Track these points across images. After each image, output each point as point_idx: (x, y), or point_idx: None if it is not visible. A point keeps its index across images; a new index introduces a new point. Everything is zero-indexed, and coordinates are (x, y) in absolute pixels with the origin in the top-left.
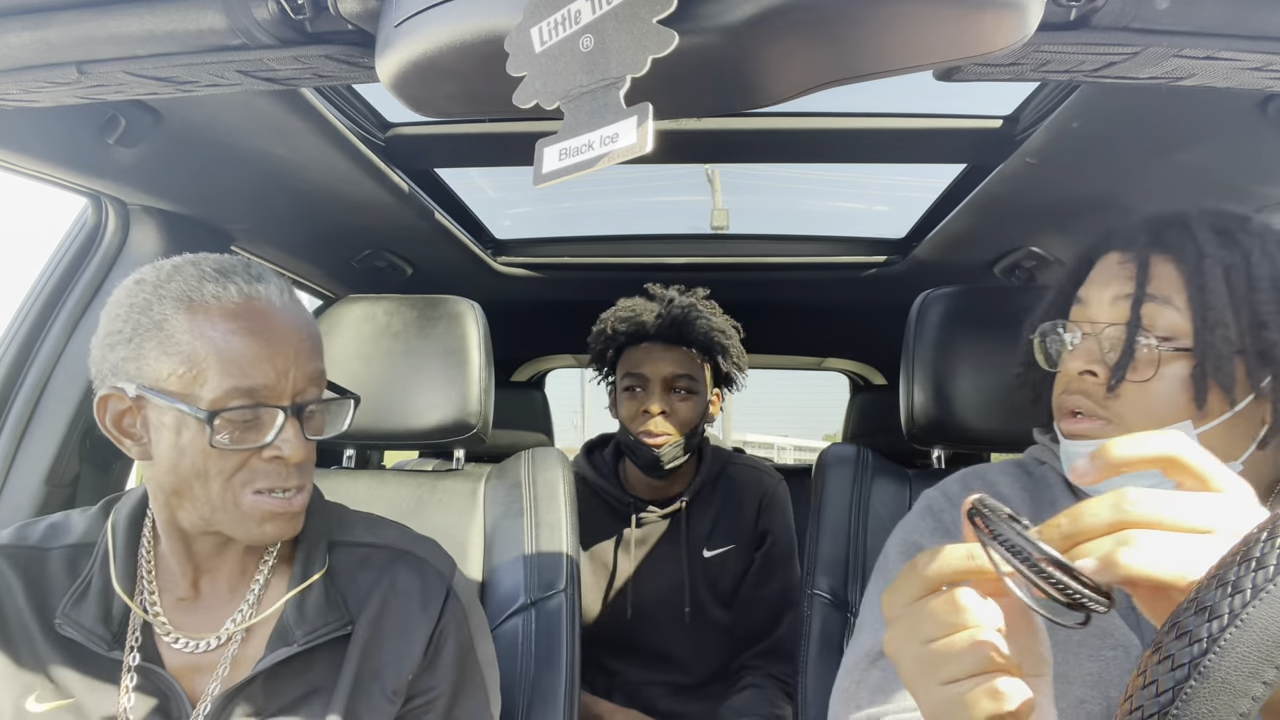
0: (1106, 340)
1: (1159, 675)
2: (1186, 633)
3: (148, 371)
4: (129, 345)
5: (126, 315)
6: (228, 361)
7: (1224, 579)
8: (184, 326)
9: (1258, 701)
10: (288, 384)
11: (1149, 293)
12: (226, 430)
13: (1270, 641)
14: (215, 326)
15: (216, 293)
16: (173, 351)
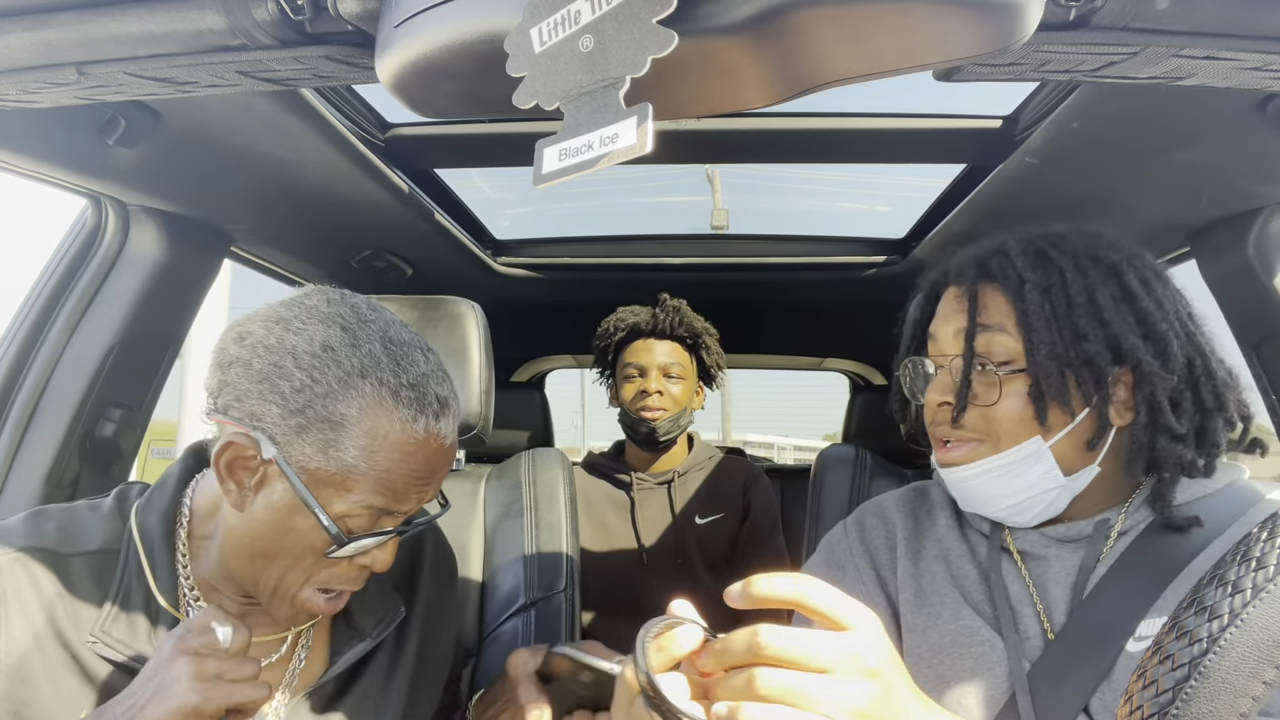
0: (956, 371)
1: (1159, 675)
2: (1187, 633)
3: (298, 449)
4: (291, 416)
5: (301, 386)
6: (382, 487)
7: (1224, 579)
8: (359, 441)
9: (1258, 701)
10: (413, 507)
11: (981, 323)
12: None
13: (1270, 641)
14: (389, 455)
15: (405, 422)
16: (335, 456)
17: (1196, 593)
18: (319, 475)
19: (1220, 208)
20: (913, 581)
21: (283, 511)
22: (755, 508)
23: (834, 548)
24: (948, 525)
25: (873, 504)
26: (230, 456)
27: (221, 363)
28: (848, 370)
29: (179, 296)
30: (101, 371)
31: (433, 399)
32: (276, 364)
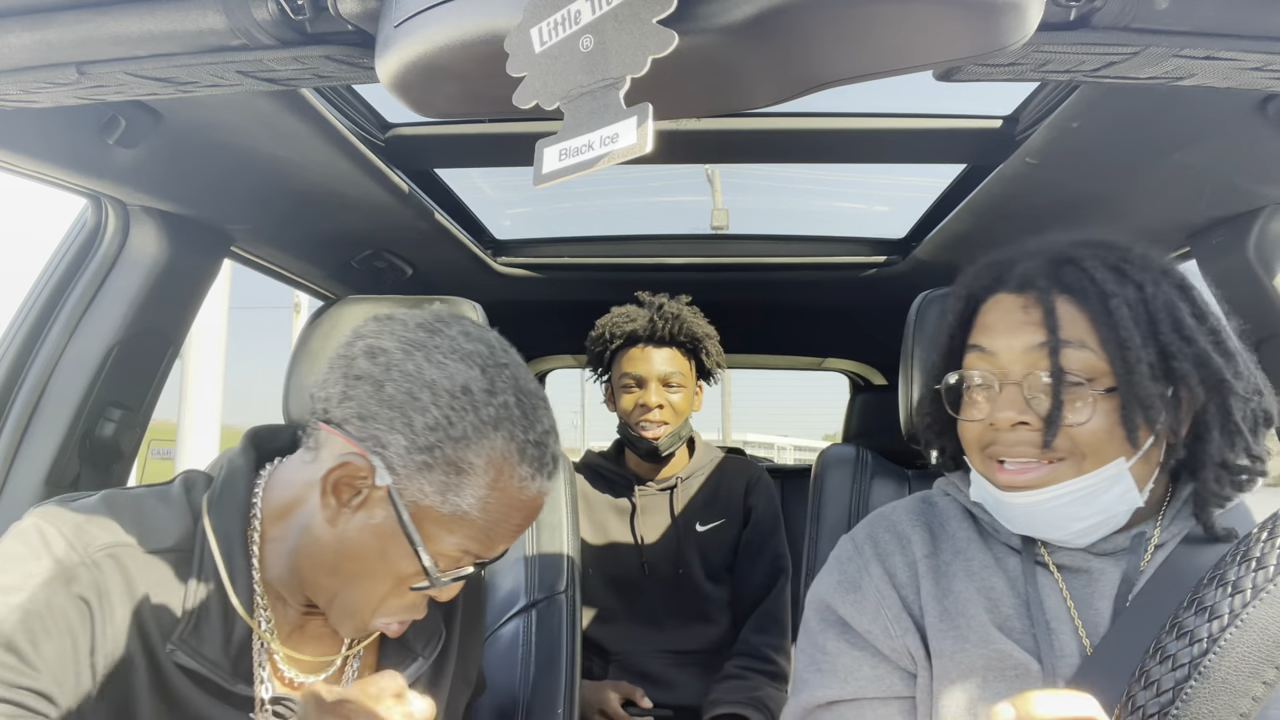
0: (1029, 388)
1: (1159, 675)
2: (1187, 633)
3: (414, 485)
4: (418, 452)
5: (435, 425)
6: (484, 535)
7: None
8: (479, 491)
9: (1258, 702)
10: (500, 554)
11: (1063, 338)
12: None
13: (1270, 641)
14: (502, 508)
15: (524, 480)
16: (451, 499)
17: (1196, 593)
18: (428, 513)
19: (1220, 208)
20: (937, 603)
21: (378, 537)
22: (756, 513)
23: (845, 567)
24: (968, 538)
25: (881, 518)
26: (342, 475)
27: (348, 374)
28: (848, 370)
29: (179, 296)
30: (101, 371)
31: (550, 459)
32: (412, 394)
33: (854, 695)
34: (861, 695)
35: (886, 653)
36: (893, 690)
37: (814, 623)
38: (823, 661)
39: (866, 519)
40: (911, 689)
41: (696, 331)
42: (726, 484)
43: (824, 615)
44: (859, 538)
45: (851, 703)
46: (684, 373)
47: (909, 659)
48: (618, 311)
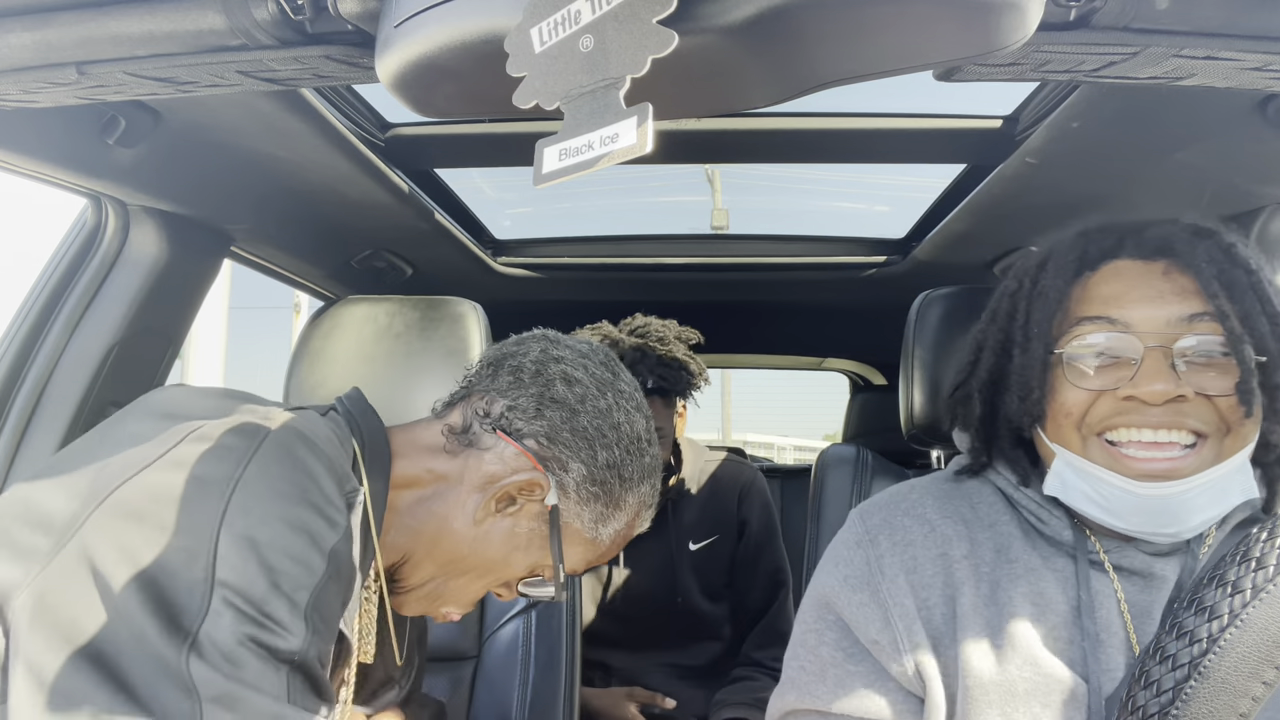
0: (1181, 358)
1: (1159, 675)
2: (1187, 633)
3: (574, 510)
4: (592, 483)
5: (613, 464)
6: (597, 558)
7: (1224, 579)
8: (618, 527)
9: (1258, 702)
10: None
11: (1209, 311)
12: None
13: (1270, 641)
14: (622, 540)
15: (642, 519)
16: (598, 529)
17: (1196, 593)
18: (577, 536)
19: (1220, 208)
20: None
21: (514, 544)
22: (750, 528)
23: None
24: (1010, 533)
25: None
26: (520, 482)
27: (545, 394)
28: (848, 370)
29: (179, 296)
30: (101, 371)
31: (656, 503)
32: (602, 431)
33: (844, 711)
34: (852, 713)
35: (893, 670)
36: (884, 714)
37: (811, 620)
38: (812, 666)
39: (880, 500)
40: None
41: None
42: (718, 496)
43: (823, 615)
44: (872, 524)
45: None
46: (664, 422)
47: (916, 680)
48: None
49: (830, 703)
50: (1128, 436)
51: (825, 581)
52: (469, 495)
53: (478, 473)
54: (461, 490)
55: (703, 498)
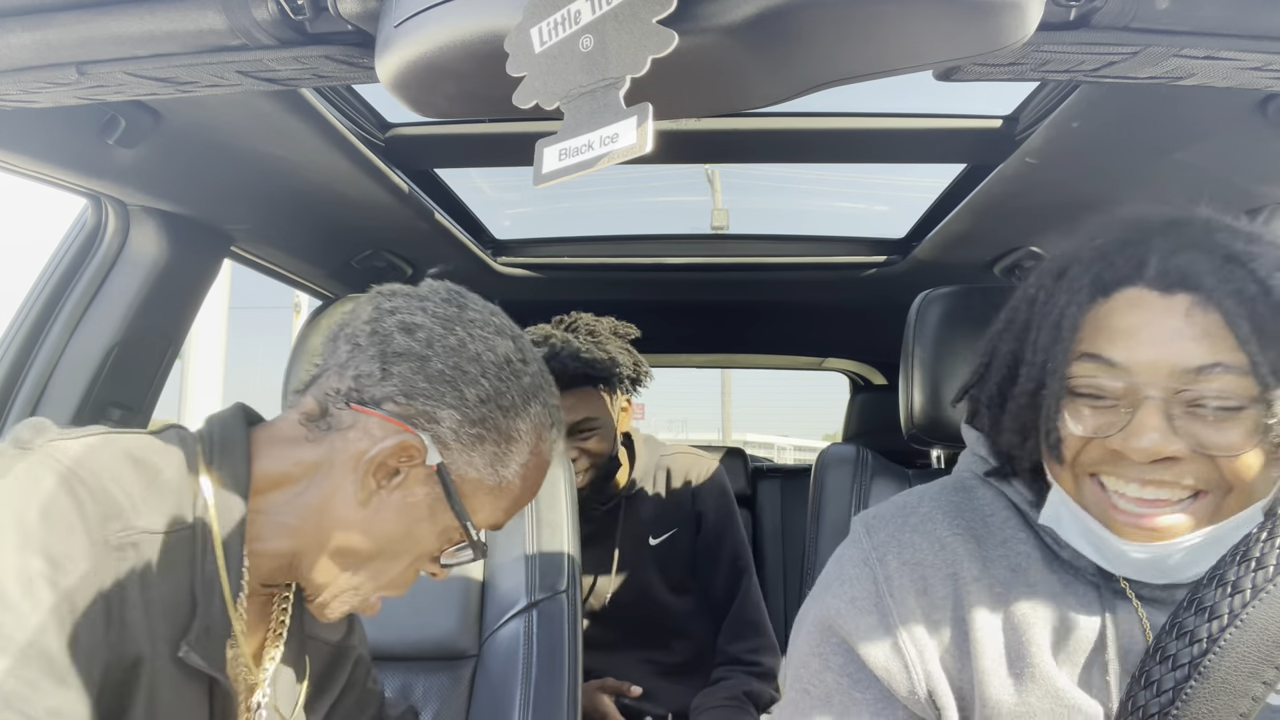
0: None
1: (1159, 675)
2: (1187, 633)
3: (464, 459)
4: (471, 425)
5: (486, 397)
6: (513, 505)
7: (1224, 579)
8: (522, 458)
9: (1258, 702)
10: None
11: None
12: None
13: (1270, 641)
14: (534, 473)
15: (553, 443)
16: (499, 471)
17: (1196, 593)
18: (474, 486)
19: (1220, 208)
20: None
21: (416, 515)
22: (706, 520)
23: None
24: (1026, 553)
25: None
26: (391, 456)
27: (385, 352)
28: (848, 370)
29: (179, 296)
30: (101, 371)
31: (563, 421)
32: (461, 369)
33: None
34: None
35: (903, 695)
36: None
37: (815, 643)
38: (816, 692)
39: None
40: None
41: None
42: (674, 490)
43: (826, 639)
44: (879, 539)
45: None
46: (594, 415)
47: (929, 707)
48: None
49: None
50: (1115, 486)
51: (830, 604)
52: (344, 479)
53: (345, 453)
54: (335, 476)
55: (659, 492)
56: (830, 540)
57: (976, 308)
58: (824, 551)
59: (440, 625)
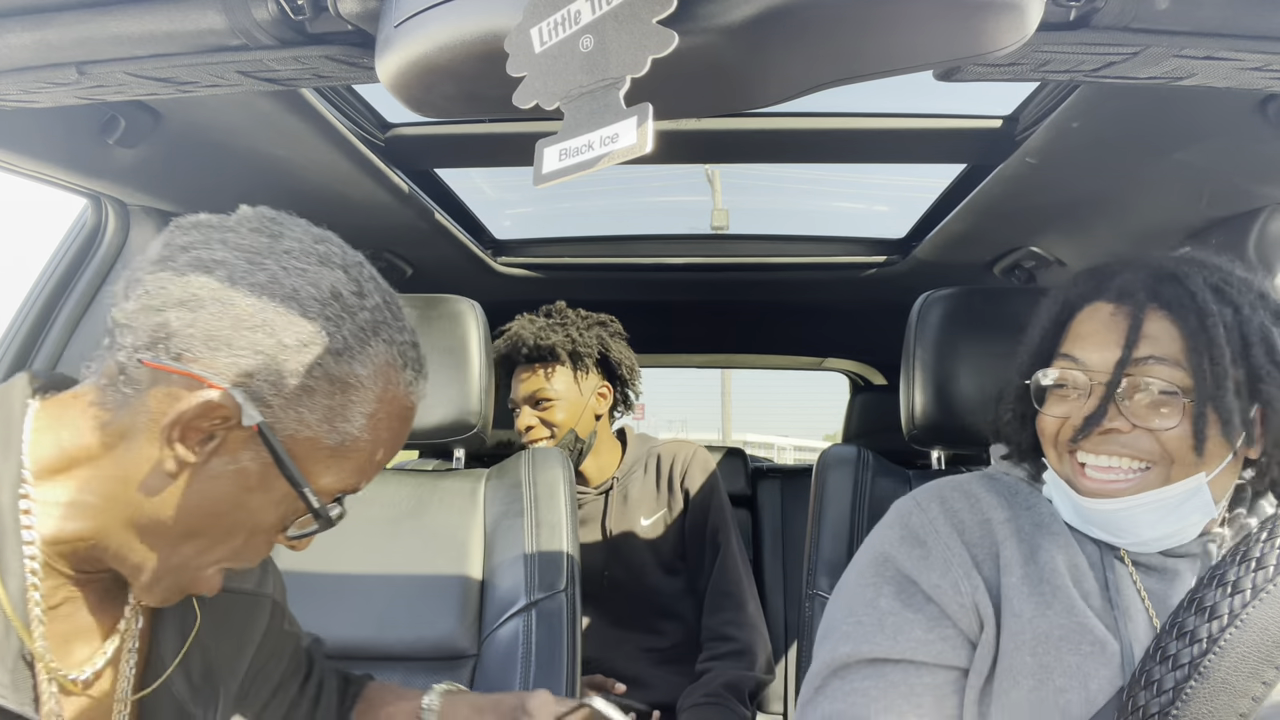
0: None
1: (1160, 675)
2: (1187, 633)
3: (291, 416)
4: (290, 376)
5: (309, 340)
6: (368, 464)
7: (1224, 579)
8: (367, 407)
9: (1258, 701)
10: None
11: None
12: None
13: (1270, 641)
14: (389, 424)
15: (409, 385)
16: (338, 426)
17: (1197, 593)
18: (313, 445)
19: (1220, 208)
20: (1020, 566)
21: (242, 485)
22: (691, 496)
23: (908, 521)
24: (1050, 514)
25: (944, 483)
26: (196, 419)
27: (181, 299)
28: (848, 370)
29: None
30: None
31: (422, 360)
32: (276, 309)
33: (903, 655)
34: (911, 657)
35: (953, 611)
36: (945, 658)
37: (868, 575)
38: (870, 618)
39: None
40: (965, 659)
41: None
42: (663, 474)
43: (882, 568)
44: (922, 497)
45: (899, 664)
46: (558, 387)
47: (976, 619)
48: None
49: (890, 649)
50: (1085, 459)
51: (883, 540)
52: (148, 447)
53: (144, 418)
54: (138, 444)
55: (649, 478)
56: (831, 540)
57: (977, 309)
58: (825, 552)
59: (439, 625)
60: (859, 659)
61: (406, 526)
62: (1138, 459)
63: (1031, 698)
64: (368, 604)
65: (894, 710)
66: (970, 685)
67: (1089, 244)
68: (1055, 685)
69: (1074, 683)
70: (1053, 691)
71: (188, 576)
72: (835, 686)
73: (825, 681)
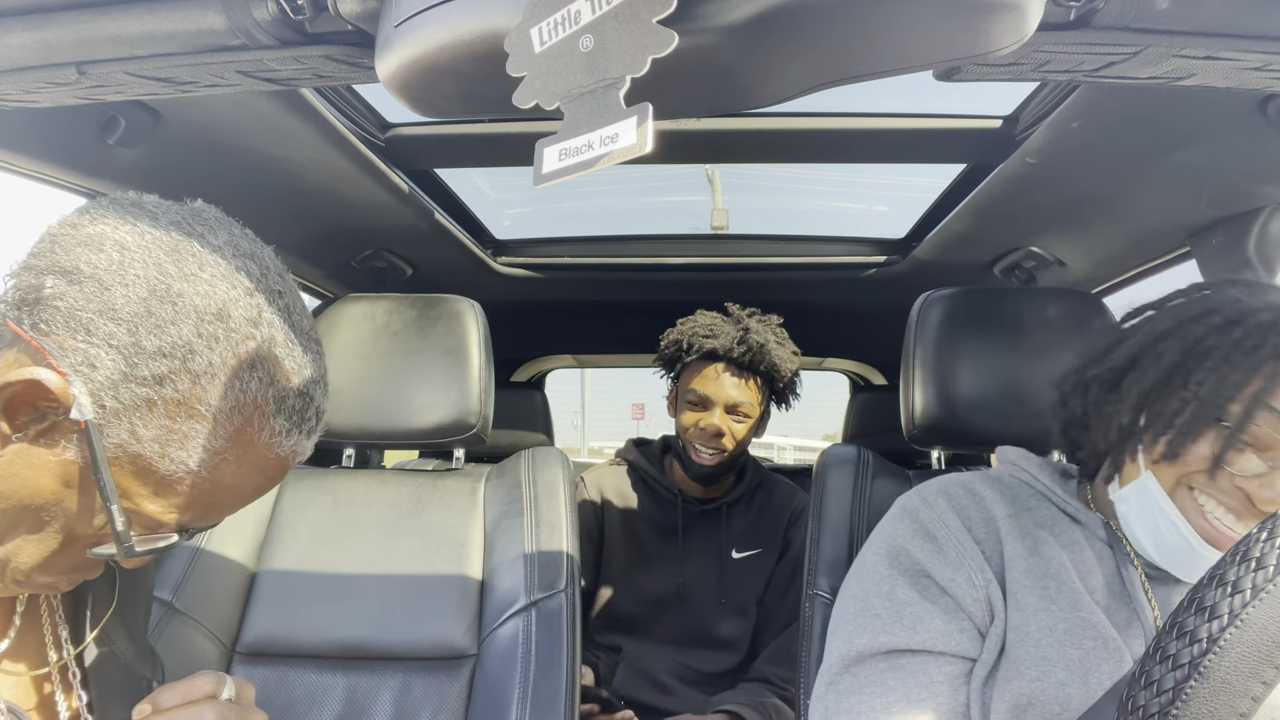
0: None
1: (1160, 675)
2: (1187, 633)
3: (125, 427)
4: (137, 383)
5: (172, 349)
6: (207, 503)
7: (1224, 579)
8: (212, 444)
9: (1258, 701)
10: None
11: None
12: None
13: (1270, 641)
14: (239, 469)
15: (275, 436)
16: (172, 453)
17: (1196, 593)
18: (140, 464)
19: (1220, 208)
20: (1024, 560)
21: (60, 480)
22: (793, 549)
23: (918, 516)
24: (1052, 515)
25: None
26: (20, 393)
27: (64, 264)
28: (848, 370)
29: None
30: None
31: (313, 414)
32: (150, 309)
33: (922, 646)
34: (930, 648)
35: (967, 603)
36: (962, 649)
37: (882, 568)
38: (887, 610)
39: (935, 481)
40: (978, 650)
41: (779, 364)
42: (770, 513)
43: (896, 560)
44: (928, 493)
45: (917, 654)
46: (754, 403)
47: (988, 611)
48: (701, 320)
49: (909, 639)
50: (1210, 507)
51: (894, 533)
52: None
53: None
54: None
55: (755, 511)
56: (831, 540)
57: (977, 309)
58: (825, 552)
59: (439, 625)
60: (876, 651)
61: (406, 526)
62: None
63: (1032, 688)
64: (367, 603)
65: (913, 700)
66: (974, 675)
67: (1089, 244)
68: (1057, 678)
69: (1075, 676)
70: (1054, 684)
71: (14, 574)
72: (850, 681)
73: (839, 676)
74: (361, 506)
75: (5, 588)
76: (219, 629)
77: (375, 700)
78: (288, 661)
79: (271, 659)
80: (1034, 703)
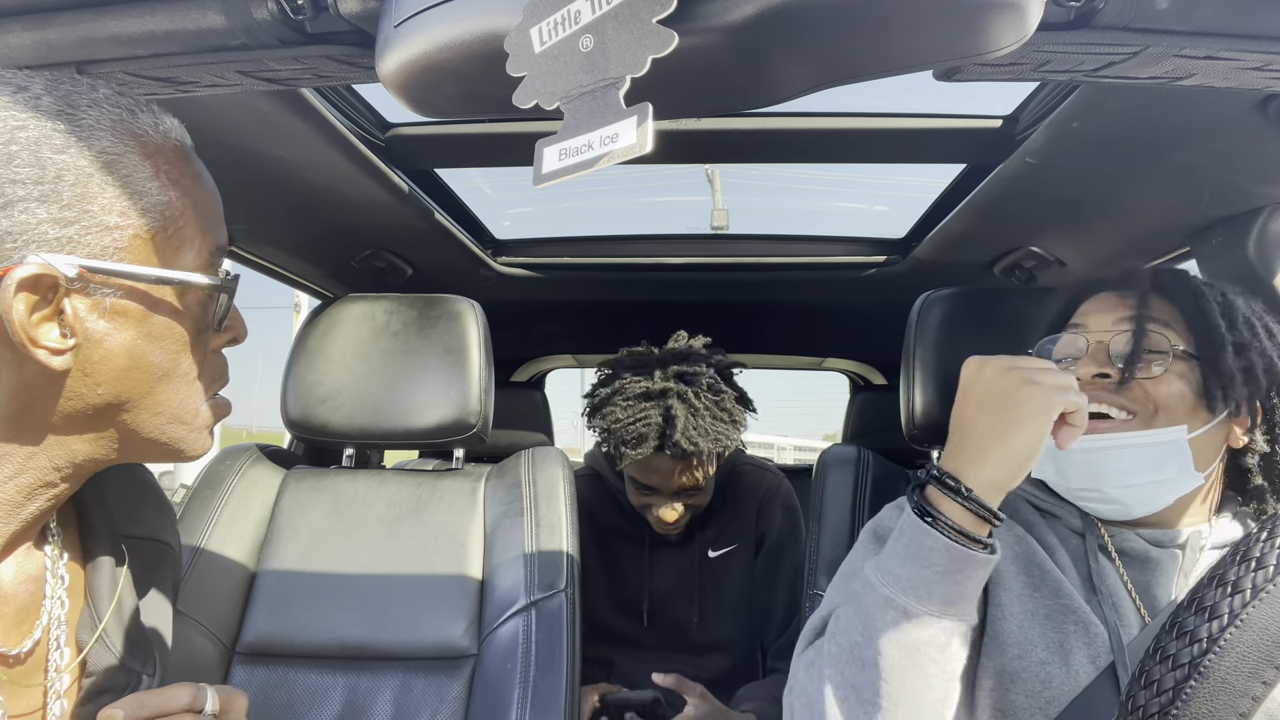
0: (1114, 347)
1: (1159, 675)
2: (1187, 633)
3: (95, 236)
4: (53, 201)
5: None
6: (205, 214)
7: (1224, 579)
8: (145, 169)
9: (1257, 701)
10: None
11: (1151, 315)
12: (206, 306)
13: (1270, 641)
14: (178, 168)
15: (158, 126)
16: (142, 203)
17: (1196, 593)
18: (142, 242)
19: (1220, 208)
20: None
21: (138, 321)
22: (768, 540)
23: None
24: (1029, 519)
25: None
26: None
27: None
28: (848, 370)
29: None
30: None
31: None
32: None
33: None
34: None
35: None
36: None
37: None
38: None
39: None
40: None
41: (719, 435)
42: (739, 504)
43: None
44: None
45: None
46: (704, 474)
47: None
48: (620, 410)
49: None
50: None
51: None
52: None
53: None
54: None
55: (724, 506)
56: (832, 540)
57: (977, 308)
58: (825, 552)
59: (439, 625)
60: None
61: (406, 526)
62: (1124, 409)
63: (1014, 665)
64: (367, 603)
65: None
66: None
67: (1089, 244)
68: (1037, 657)
69: (1055, 656)
70: (1035, 663)
71: (199, 418)
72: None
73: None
74: (361, 506)
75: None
76: (219, 629)
77: (375, 700)
78: (288, 661)
79: (271, 659)
80: (1016, 678)
